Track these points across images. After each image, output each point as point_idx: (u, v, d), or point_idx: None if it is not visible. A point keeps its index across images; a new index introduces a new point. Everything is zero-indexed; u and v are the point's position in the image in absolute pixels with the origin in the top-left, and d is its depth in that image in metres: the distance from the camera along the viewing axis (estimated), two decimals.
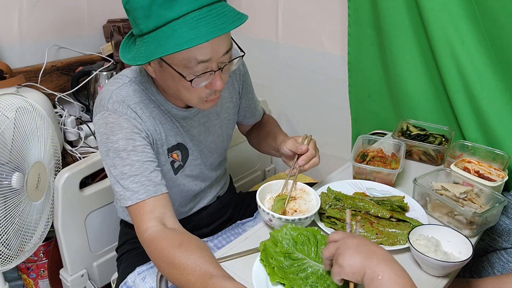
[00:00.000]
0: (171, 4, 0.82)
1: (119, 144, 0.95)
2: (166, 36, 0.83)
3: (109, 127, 0.96)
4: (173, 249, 0.85)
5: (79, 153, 1.57)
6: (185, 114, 1.07)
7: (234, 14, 0.87)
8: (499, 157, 1.21)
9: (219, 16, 0.84)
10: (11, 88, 1.35)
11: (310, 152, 1.08)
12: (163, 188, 0.96)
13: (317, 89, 1.83)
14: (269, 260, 0.87)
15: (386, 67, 1.47)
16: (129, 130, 0.96)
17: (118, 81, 1.01)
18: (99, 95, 1.02)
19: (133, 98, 0.99)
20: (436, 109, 1.40)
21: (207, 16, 0.83)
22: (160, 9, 0.82)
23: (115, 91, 0.99)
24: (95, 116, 0.99)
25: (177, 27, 0.83)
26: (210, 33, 0.82)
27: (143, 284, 1.11)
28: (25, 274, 1.63)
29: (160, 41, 0.84)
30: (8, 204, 1.13)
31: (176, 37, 0.82)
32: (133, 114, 0.97)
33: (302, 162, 1.07)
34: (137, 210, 0.93)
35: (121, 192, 0.94)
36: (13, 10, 1.63)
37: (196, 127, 1.11)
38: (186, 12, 0.83)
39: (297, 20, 1.79)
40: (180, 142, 1.09)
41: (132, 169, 0.94)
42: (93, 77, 1.70)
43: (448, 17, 1.22)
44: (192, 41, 0.82)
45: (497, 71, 1.19)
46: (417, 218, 1.04)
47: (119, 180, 0.94)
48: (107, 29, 1.88)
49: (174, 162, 1.10)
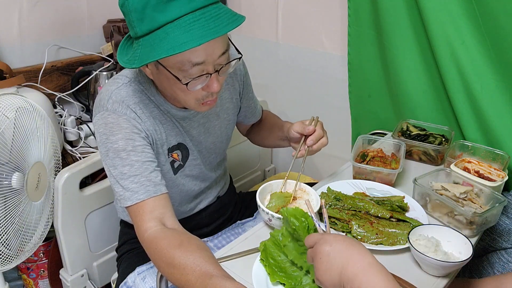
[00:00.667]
0: (164, 7, 0.82)
1: (118, 144, 0.95)
2: (160, 40, 0.83)
3: (108, 127, 0.96)
4: (173, 249, 0.85)
5: (79, 153, 1.57)
6: (185, 115, 1.07)
7: (230, 16, 0.87)
8: (499, 157, 1.21)
9: (214, 19, 0.84)
10: (11, 88, 1.35)
11: (318, 133, 1.07)
12: (163, 188, 0.96)
13: (317, 89, 1.83)
14: (269, 260, 0.87)
15: (386, 67, 1.47)
16: (129, 130, 0.96)
17: (117, 81, 1.01)
18: (99, 95, 1.02)
19: (133, 98, 0.99)
20: (436, 109, 1.40)
21: (200, 19, 0.83)
22: (154, 12, 0.83)
23: (115, 91, 0.99)
24: (95, 116, 1.00)
25: (170, 31, 0.83)
26: (203, 36, 0.82)
27: (143, 284, 1.11)
28: (25, 274, 1.63)
29: (153, 45, 0.84)
30: (8, 204, 1.14)
31: (169, 41, 0.82)
32: (132, 114, 0.97)
33: (310, 142, 1.06)
34: (136, 210, 0.93)
35: (121, 192, 0.94)
36: (13, 10, 1.63)
37: (196, 128, 1.11)
38: (180, 15, 0.83)
39: (297, 20, 1.79)
40: (180, 142, 1.09)
41: (132, 169, 0.94)
42: (93, 77, 1.70)
43: (448, 17, 1.22)
44: (185, 45, 0.82)
45: (497, 71, 1.19)
46: (417, 218, 1.04)
47: (119, 180, 0.94)
48: (107, 29, 1.88)
49: (174, 162, 1.10)
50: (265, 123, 1.34)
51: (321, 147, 1.08)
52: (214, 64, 0.90)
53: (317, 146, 1.08)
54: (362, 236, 0.98)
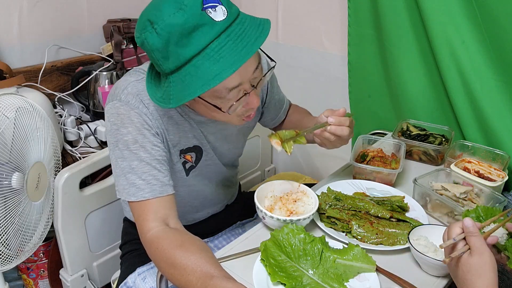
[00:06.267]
0: (187, 41, 0.78)
1: (128, 137, 0.92)
2: (191, 76, 0.80)
3: (120, 118, 0.93)
4: (174, 249, 0.84)
5: (79, 153, 1.57)
6: (202, 120, 1.03)
7: (255, 28, 0.82)
8: (499, 157, 1.21)
9: (240, 38, 0.80)
10: (11, 88, 1.35)
11: (344, 118, 0.98)
12: (170, 189, 0.94)
13: (317, 89, 1.83)
14: (269, 260, 0.87)
15: (386, 67, 1.47)
16: (139, 125, 0.93)
17: (139, 74, 0.97)
18: (116, 83, 0.98)
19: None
20: (436, 109, 1.40)
21: (227, 43, 0.79)
22: (178, 48, 0.79)
23: (133, 83, 0.95)
24: (107, 104, 0.96)
25: (199, 64, 0.79)
26: (234, 62, 0.78)
27: (143, 284, 1.10)
28: (25, 274, 1.63)
29: (185, 82, 0.81)
30: (8, 204, 1.13)
31: (201, 75, 0.79)
32: (144, 110, 0.94)
33: (332, 119, 0.97)
34: (140, 208, 0.92)
35: (126, 186, 0.92)
36: (13, 10, 1.63)
37: (213, 134, 1.08)
38: (205, 45, 0.79)
39: (297, 20, 1.79)
40: (196, 144, 1.06)
41: (140, 165, 0.92)
42: (93, 77, 1.70)
43: (448, 17, 1.22)
44: (218, 77, 0.78)
45: (497, 71, 1.19)
46: (417, 218, 1.04)
47: (126, 173, 0.92)
48: (107, 29, 1.88)
49: (186, 163, 1.07)
50: (290, 120, 1.29)
51: (340, 133, 0.97)
52: (249, 80, 0.87)
53: (335, 129, 0.97)
54: (362, 236, 0.98)
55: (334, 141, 1.00)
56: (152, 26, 0.79)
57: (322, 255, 0.89)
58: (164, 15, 0.78)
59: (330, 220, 1.03)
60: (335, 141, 1.00)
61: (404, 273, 0.90)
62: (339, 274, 0.87)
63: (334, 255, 0.90)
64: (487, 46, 1.18)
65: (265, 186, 1.07)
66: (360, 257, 0.89)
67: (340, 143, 1.02)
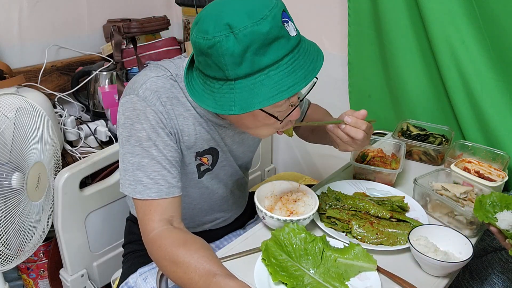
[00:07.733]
0: (265, 50, 0.78)
1: (142, 134, 0.91)
2: (261, 85, 0.79)
3: (135, 113, 0.92)
4: (176, 247, 0.84)
5: (79, 153, 1.57)
6: (220, 122, 1.02)
7: (313, 46, 0.88)
8: (499, 157, 1.21)
9: (307, 54, 0.83)
10: (11, 88, 1.35)
11: (361, 121, 0.97)
12: (176, 190, 0.93)
13: (317, 89, 1.82)
14: (271, 260, 0.87)
15: (386, 67, 1.47)
16: (154, 122, 0.92)
17: (160, 70, 0.96)
18: (135, 77, 0.97)
19: (167, 92, 0.94)
20: (436, 109, 1.40)
21: (298, 57, 0.81)
22: (255, 56, 0.78)
23: (152, 79, 0.94)
24: (123, 97, 0.95)
25: (273, 74, 0.79)
26: (306, 77, 0.81)
27: (144, 284, 1.10)
28: (25, 274, 1.63)
29: (255, 90, 0.79)
30: (8, 204, 1.13)
31: (274, 86, 0.79)
32: (161, 108, 0.93)
33: (349, 119, 0.97)
34: (145, 207, 0.91)
35: (133, 183, 0.92)
36: (13, 10, 1.63)
37: (231, 137, 1.07)
38: (281, 57, 0.79)
39: (297, 20, 1.78)
40: (213, 146, 1.05)
41: (151, 163, 0.91)
42: (93, 77, 1.70)
43: (448, 17, 1.22)
44: (292, 88, 0.79)
45: (497, 71, 1.19)
46: (417, 218, 1.04)
47: (135, 170, 0.91)
48: (107, 29, 1.88)
49: (202, 165, 1.06)
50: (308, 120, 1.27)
51: (355, 135, 0.96)
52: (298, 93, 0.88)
53: (349, 129, 0.96)
54: (362, 236, 0.98)
55: (347, 143, 0.99)
56: (231, 31, 0.77)
57: (323, 254, 0.90)
58: (247, 22, 0.77)
59: (330, 220, 1.03)
60: (348, 143, 0.99)
61: (404, 273, 0.90)
62: (340, 273, 0.87)
63: (335, 254, 0.90)
64: (487, 46, 1.19)
65: (265, 186, 1.07)
66: (361, 256, 0.89)
67: (353, 147, 1.01)
